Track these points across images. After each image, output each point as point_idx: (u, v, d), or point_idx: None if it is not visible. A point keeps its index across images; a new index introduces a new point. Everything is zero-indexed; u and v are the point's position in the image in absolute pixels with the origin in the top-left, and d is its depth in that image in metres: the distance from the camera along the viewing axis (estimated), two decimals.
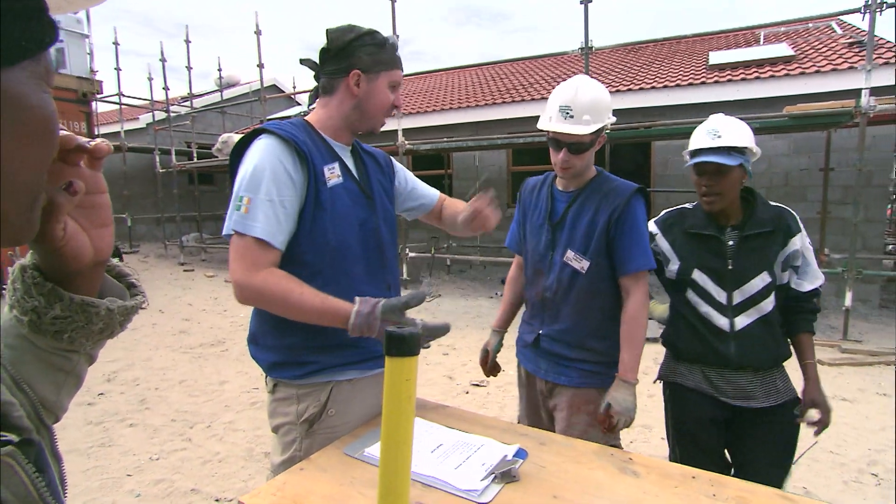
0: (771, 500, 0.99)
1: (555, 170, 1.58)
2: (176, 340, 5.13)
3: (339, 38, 1.21)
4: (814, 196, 6.58)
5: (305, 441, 1.22)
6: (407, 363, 0.42)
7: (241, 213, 1.11)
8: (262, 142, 1.16)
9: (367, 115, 1.26)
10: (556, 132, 1.46)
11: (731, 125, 1.53)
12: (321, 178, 1.19)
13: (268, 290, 1.10)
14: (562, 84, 1.51)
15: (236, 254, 1.11)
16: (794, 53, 7.14)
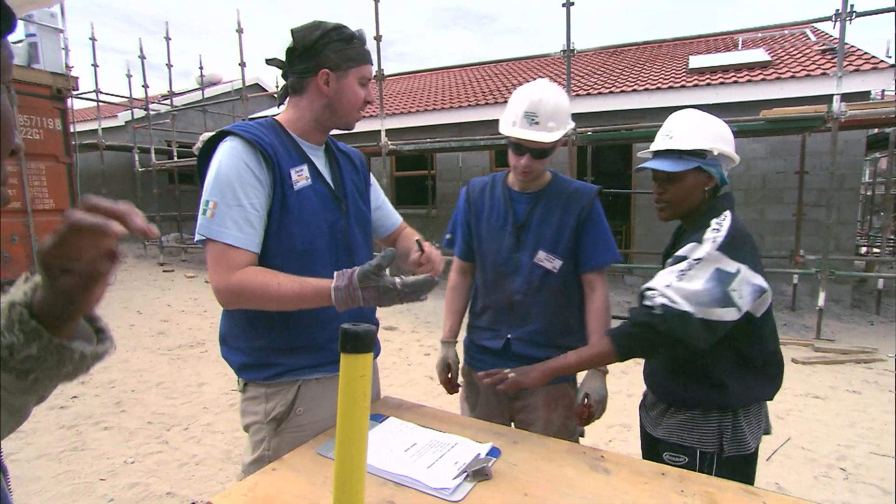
0: (736, 495, 1.01)
1: (514, 173, 1.57)
2: (154, 342, 5.05)
3: (306, 37, 1.19)
4: (790, 198, 6.73)
5: (274, 440, 1.21)
6: (361, 360, 0.42)
7: (206, 218, 1.11)
8: (227, 144, 1.15)
9: (339, 113, 1.24)
10: (522, 139, 1.46)
11: (687, 124, 1.35)
12: (287, 181, 1.17)
13: (246, 288, 1.09)
14: (524, 88, 1.50)
15: (211, 260, 1.12)
16: (770, 59, 7.30)
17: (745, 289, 1.21)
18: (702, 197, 1.36)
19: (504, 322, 1.60)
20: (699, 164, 1.32)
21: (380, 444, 1.17)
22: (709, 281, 1.19)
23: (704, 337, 1.19)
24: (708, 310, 1.18)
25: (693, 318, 1.17)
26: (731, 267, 1.21)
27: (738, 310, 1.20)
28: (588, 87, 7.96)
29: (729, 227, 1.25)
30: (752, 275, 1.22)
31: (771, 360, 1.35)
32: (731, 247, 1.22)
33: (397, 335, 5.28)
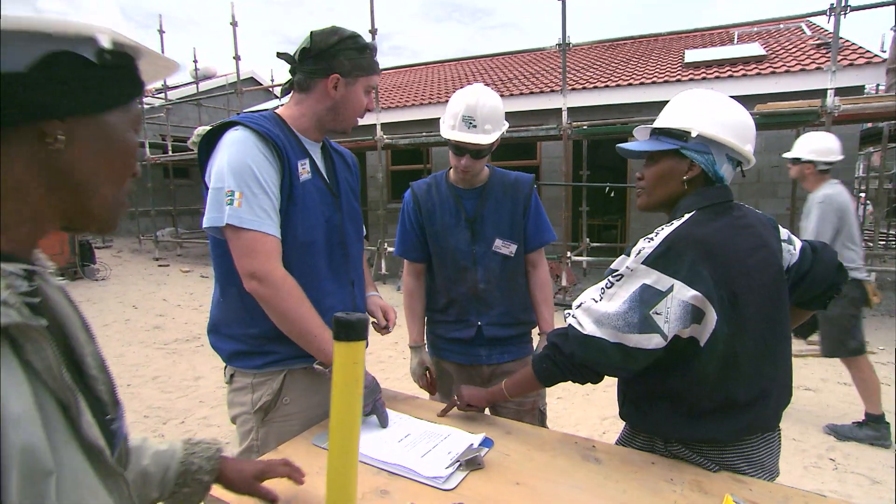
0: (725, 483, 1.03)
1: (456, 172, 1.67)
2: (150, 336, 5.04)
3: (323, 40, 1.21)
4: (784, 192, 6.77)
5: (262, 430, 1.23)
6: (355, 347, 0.43)
7: (234, 208, 1.10)
8: (238, 134, 1.15)
9: (341, 117, 1.27)
10: (460, 141, 1.55)
11: (679, 102, 1.18)
12: (295, 173, 1.20)
13: (285, 288, 1.13)
14: (460, 93, 1.59)
15: (246, 248, 1.12)
16: (765, 53, 7.32)
17: (677, 310, 1.00)
18: (679, 188, 1.14)
19: (472, 311, 1.71)
20: (676, 147, 1.12)
21: (374, 434, 1.18)
22: (627, 301, 1.03)
23: (620, 365, 1.04)
24: (622, 335, 1.02)
25: (602, 344, 1.03)
26: (662, 284, 1.01)
27: (662, 336, 1.00)
28: (584, 81, 7.96)
29: (669, 234, 1.04)
30: (689, 293, 1.00)
31: (718, 404, 1.07)
32: (663, 259, 1.02)
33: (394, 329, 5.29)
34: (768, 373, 1.10)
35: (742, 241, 1.08)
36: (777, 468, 1.17)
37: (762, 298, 1.07)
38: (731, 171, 1.16)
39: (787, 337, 1.15)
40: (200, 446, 0.86)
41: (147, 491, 0.78)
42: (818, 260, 1.20)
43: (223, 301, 1.26)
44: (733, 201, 1.15)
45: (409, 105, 9.11)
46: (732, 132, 1.10)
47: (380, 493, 0.98)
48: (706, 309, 1.01)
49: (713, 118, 1.11)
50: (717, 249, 1.03)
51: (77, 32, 0.46)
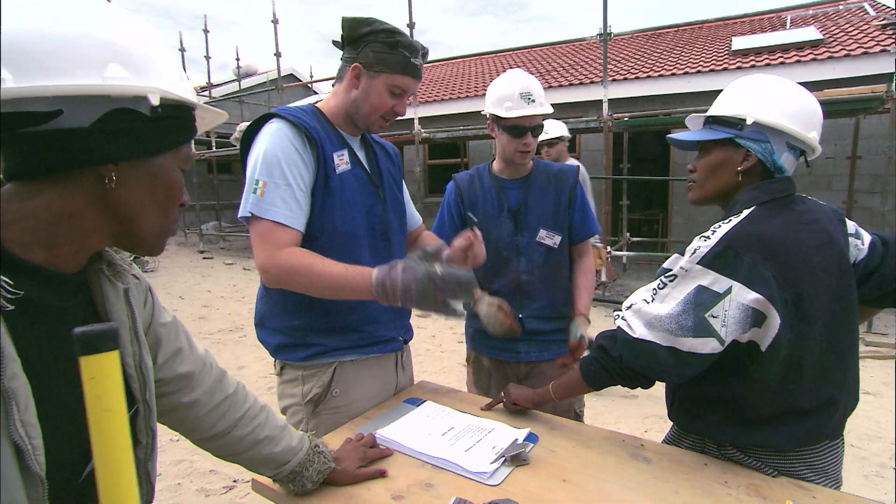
0: (785, 489, 0.98)
1: (513, 156, 1.64)
2: (195, 326, 5.23)
3: (353, 29, 1.20)
4: (839, 185, 6.40)
5: (312, 421, 1.24)
6: (103, 359, 0.41)
7: (257, 197, 1.12)
8: (273, 126, 1.17)
9: (360, 112, 1.23)
10: (526, 115, 1.56)
11: (738, 88, 1.10)
12: (330, 164, 1.19)
13: (291, 265, 1.09)
14: (505, 77, 1.62)
15: (258, 238, 1.12)
16: (822, 37, 6.91)
17: (736, 314, 0.95)
18: (733, 180, 1.07)
19: (514, 303, 1.65)
20: (731, 136, 1.05)
21: (418, 427, 1.18)
22: (681, 303, 0.97)
23: (672, 370, 0.99)
24: (675, 339, 0.97)
25: (653, 347, 0.98)
26: (720, 285, 0.95)
27: (719, 341, 0.95)
28: (625, 72, 7.74)
29: (727, 232, 0.97)
30: (749, 295, 0.94)
31: (779, 411, 1.01)
32: (721, 259, 0.96)
33: (430, 322, 5.31)
34: (835, 378, 1.03)
35: (807, 238, 1.00)
36: (840, 477, 1.10)
37: (829, 299, 1.00)
38: (792, 161, 1.07)
39: (855, 340, 1.07)
40: (320, 458, 0.96)
41: (259, 467, 0.93)
42: (889, 255, 1.10)
43: (266, 294, 1.28)
44: (796, 194, 1.07)
45: (446, 99, 9.08)
46: (793, 118, 1.02)
47: (425, 486, 0.98)
48: (768, 312, 0.95)
49: (771, 103, 1.03)
50: (780, 248, 0.96)
51: (133, 94, 0.56)
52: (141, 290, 0.74)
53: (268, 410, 0.93)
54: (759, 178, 1.06)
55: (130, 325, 0.68)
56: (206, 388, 0.83)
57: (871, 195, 6.15)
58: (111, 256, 0.67)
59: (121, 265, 0.67)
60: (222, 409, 0.85)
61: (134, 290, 0.71)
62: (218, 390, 0.85)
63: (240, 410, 0.87)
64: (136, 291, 0.72)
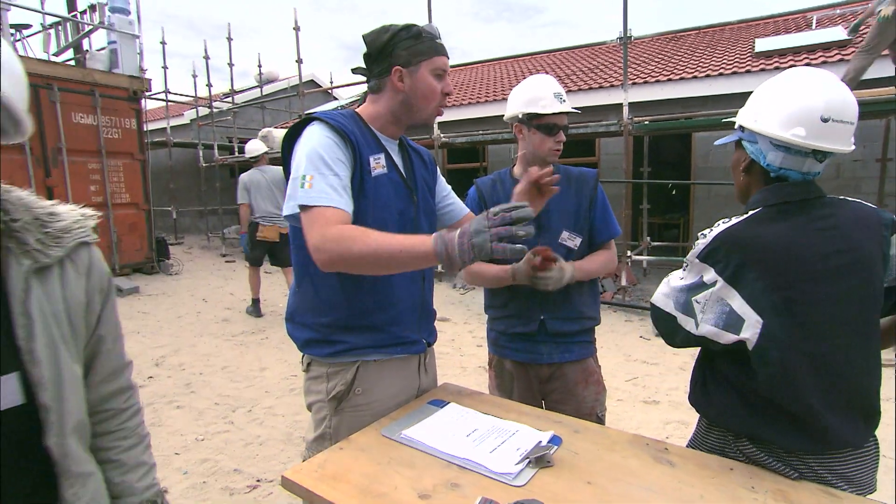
0: (814, 496, 0.97)
1: (547, 155, 1.68)
2: (219, 328, 5.33)
3: (377, 40, 1.25)
4: (868, 188, 6.25)
5: (334, 418, 1.28)
6: None
7: (305, 190, 1.13)
8: (315, 127, 1.21)
9: (416, 108, 1.28)
10: (562, 112, 1.64)
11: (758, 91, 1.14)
12: (366, 167, 1.23)
13: (347, 234, 1.08)
14: (535, 79, 1.69)
15: (309, 223, 1.11)
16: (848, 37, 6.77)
17: (714, 306, 1.05)
18: (743, 179, 1.17)
19: (536, 305, 1.69)
20: (738, 138, 1.16)
21: (442, 428, 1.20)
22: (686, 284, 1.12)
23: (666, 332, 1.17)
24: (674, 310, 1.14)
25: (659, 311, 1.18)
26: (708, 277, 1.06)
27: (695, 323, 1.08)
28: (645, 75, 7.68)
29: (721, 232, 1.05)
30: (730, 293, 1.01)
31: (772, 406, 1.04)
32: (712, 255, 1.05)
33: (450, 326, 5.33)
34: (846, 388, 1.02)
35: (813, 243, 1.00)
36: (873, 484, 1.09)
37: (837, 307, 0.99)
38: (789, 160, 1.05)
39: (873, 352, 1.05)
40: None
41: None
42: None
43: (299, 290, 1.33)
44: (818, 198, 1.06)
45: (464, 104, 9.13)
46: (772, 118, 1.03)
47: (451, 485, 0.99)
48: (745, 316, 1.01)
49: (751, 105, 1.12)
50: (769, 252, 0.99)
51: None
52: (80, 283, 0.81)
53: (142, 442, 0.97)
54: (760, 177, 1.11)
55: (22, 299, 0.73)
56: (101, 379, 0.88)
57: None
58: (23, 236, 0.74)
59: (31, 245, 0.74)
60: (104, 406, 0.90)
61: (58, 277, 0.77)
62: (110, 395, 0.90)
63: (113, 424, 0.92)
64: (66, 280, 0.78)
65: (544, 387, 1.75)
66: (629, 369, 4.01)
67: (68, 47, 8.48)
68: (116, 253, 7.67)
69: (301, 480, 1.03)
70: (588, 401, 1.73)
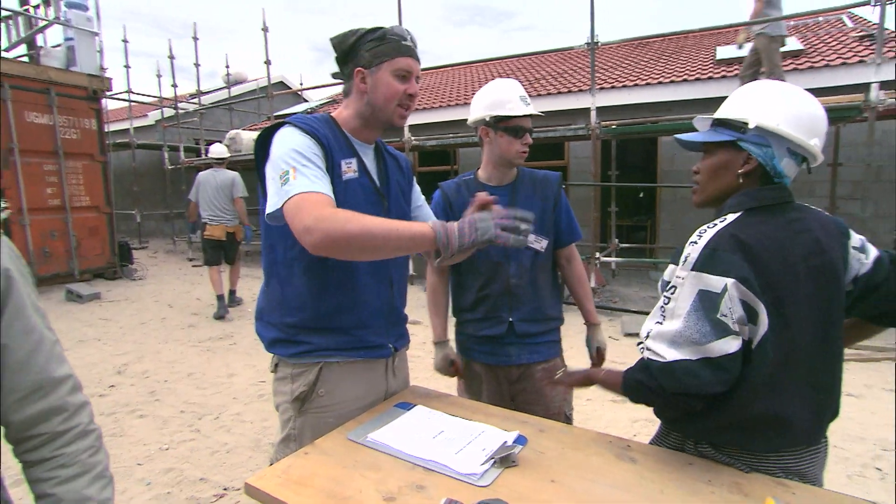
0: (766, 486, 1.01)
1: (513, 157, 1.70)
2: (185, 334, 5.19)
3: (343, 43, 1.27)
4: (822, 192, 6.53)
5: (299, 419, 1.27)
6: None
7: (291, 183, 1.10)
8: (287, 130, 1.21)
9: (377, 107, 1.27)
10: (528, 115, 1.66)
11: (744, 92, 1.11)
12: (337, 171, 1.23)
13: (342, 215, 1.05)
14: (500, 83, 1.71)
15: (297, 209, 1.07)
16: (803, 47, 7.08)
17: (737, 309, 0.96)
18: (733, 183, 1.08)
19: (504, 307, 1.73)
20: (734, 139, 1.07)
21: (409, 430, 1.19)
22: (691, 312, 0.97)
23: (711, 379, 0.96)
24: (703, 347, 0.95)
25: (687, 364, 0.96)
26: (715, 285, 0.96)
27: (738, 336, 0.96)
28: (612, 80, 7.85)
29: (713, 237, 1.00)
30: (741, 289, 0.96)
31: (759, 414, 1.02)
32: (711, 260, 0.97)
33: (421, 329, 5.31)
34: (815, 387, 1.05)
35: (793, 245, 1.02)
36: (820, 479, 1.12)
37: (812, 308, 1.02)
38: (793, 168, 1.07)
39: (838, 352, 1.09)
40: None
41: None
42: (895, 273, 1.10)
43: (267, 290, 1.33)
44: (791, 202, 1.09)
45: (435, 107, 9.15)
46: (794, 124, 1.03)
47: (416, 487, 0.99)
48: (758, 309, 0.97)
49: (774, 108, 1.04)
50: (761, 253, 0.98)
51: None
52: None
53: (88, 472, 0.79)
54: (759, 181, 1.08)
55: None
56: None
57: (852, 201, 6.29)
58: None
59: None
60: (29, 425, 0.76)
61: None
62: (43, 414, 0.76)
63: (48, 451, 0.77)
64: None
65: (513, 388, 1.77)
66: None
67: (20, 42, 8.11)
68: (76, 258, 7.39)
69: (264, 486, 1.02)
70: (556, 400, 1.76)
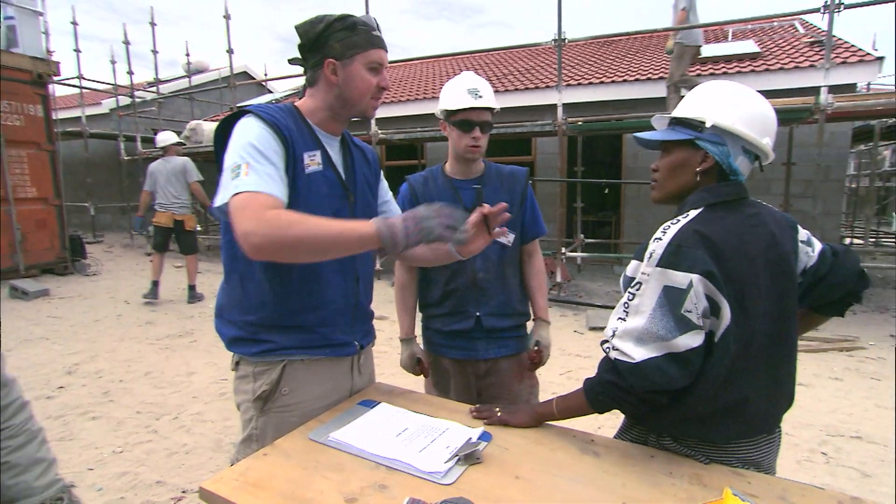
0: (725, 476, 1.03)
1: (464, 151, 1.67)
2: (142, 331, 5.00)
3: (310, 31, 1.20)
4: (777, 190, 6.81)
5: (261, 419, 1.23)
6: None
7: (241, 178, 1.05)
8: (248, 119, 1.15)
9: (350, 101, 1.23)
10: (470, 108, 1.62)
11: (700, 92, 1.14)
12: (300, 164, 1.18)
13: (284, 219, 1.01)
14: (456, 78, 1.69)
15: (240, 208, 1.02)
16: (760, 50, 7.34)
17: (702, 304, 0.98)
18: (691, 180, 1.11)
19: (471, 302, 1.71)
20: (691, 137, 1.10)
21: (372, 429, 1.17)
22: (656, 308, 0.99)
23: (677, 374, 0.98)
24: (668, 343, 0.97)
25: (656, 362, 0.98)
26: (681, 281, 0.98)
27: (701, 331, 0.99)
28: (579, 77, 7.96)
29: (676, 232, 1.02)
30: (705, 284, 0.98)
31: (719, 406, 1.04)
32: (676, 256, 0.99)
33: (387, 325, 5.27)
34: (772, 377, 1.08)
35: (752, 239, 1.05)
36: (774, 468, 1.17)
37: (770, 301, 1.05)
38: (747, 165, 1.12)
39: (793, 342, 1.13)
40: None
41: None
42: (838, 264, 1.16)
43: (227, 286, 1.27)
44: (747, 198, 1.13)
45: (403, 100, 9.07)
46: (749, 124, 1.07)
47: (378, 487, 0.97)
48: (721, 304, 0.99)
49: (729, 108, 1.08)
50: (725, 248, 1.00)
51: None
52: None
53: (35, 438, 0.86)
54: (716, 179, 1.11)
55: None
56: None
57: (804, 199, 6.58)
58: None
59: None
60: None
61: None
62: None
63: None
64: None
65: (480, 382, 1.77)
66: (563, 363, 4.14)
67: None
68: (21, 252, 6.99)
69: (219, 490, 0.97)
70: (522, 394, 1.76)
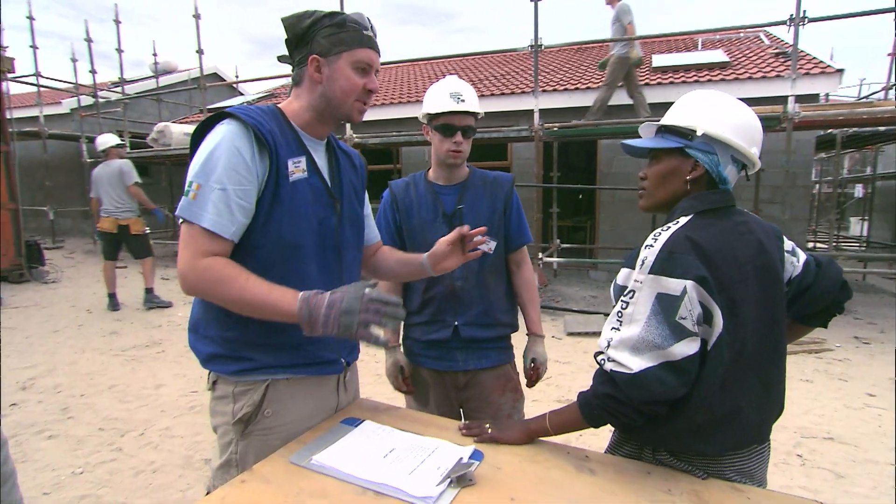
0: (724, 493, 1.00)
1: (445, 156, 1.64)
2: (106, 342, 4.77)
3: (296, 26, 1.13)
4: (747, 196, 6.97)
5: (241, 443, 1.14)
6: None
7: (188, 200, 1.04)
8: (223, 127, 1.08)
9: (333, 102, 1.16)
10: (453, 112, 1.58)
11: (688, 101, 1.14)
12: (283, 171, 1.11)
13: (211, 274, 1.02)
14: (440, 82, 1.66)
15: (183, 242, 1.05)
16: (728, 60, 7.54)
17: (696, 310, 0.97)
18: (681, 188, 1.11)
19: (449, 310, 1.67)
20: (681, 146, 1.09)
21: (357, 450, 1.10)
22: (650, 315, 0.97)
23: (675, 383, 0.96)
24: (664, 351, 0.95)
25: (653, 372, 0.96)
26: (675, 288, 0.96)
27: (696, 338, 0.97)
28: (554, 83, 8.02)
29: (668, 239, 1.00)
30: (699, 290, 0.97)
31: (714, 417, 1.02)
32: (668, 263, 0.97)
33: None
34: (763, 385, 1.07)
35: (742, 247, 1.05)
36: (765, 479, 1.15)
37: (760, 309, 1.04)
38: (735, 174, 1.12)
39: (782, 350, 1.12)
40: None
41: None
42: (821, 275, 1.16)
43: (203, 300, 1.17)
44: (735, 206, 1.12)
45: (378, 104, 8.99)
46: (738, 133, 1.08)
47: None
48: (713, 311, 0.98)
49: (720, 118, 1.08)
50: (716, 255, 0.99)
51: None
52: None
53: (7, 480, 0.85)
54: (705, 188, 1.10)
55: None
56: None
57: (773, 205, 6.77)
58: None
59: None
60: None
61: None
62: None
63: None
64: None
65: (461, 395, 1.72)
66: None
67: None
68: None
69: None
70: (505, 408, 1.71)
